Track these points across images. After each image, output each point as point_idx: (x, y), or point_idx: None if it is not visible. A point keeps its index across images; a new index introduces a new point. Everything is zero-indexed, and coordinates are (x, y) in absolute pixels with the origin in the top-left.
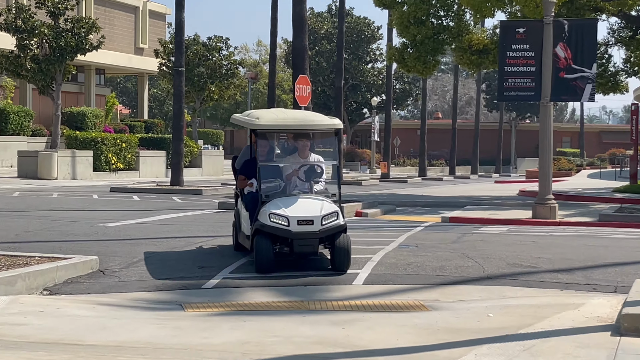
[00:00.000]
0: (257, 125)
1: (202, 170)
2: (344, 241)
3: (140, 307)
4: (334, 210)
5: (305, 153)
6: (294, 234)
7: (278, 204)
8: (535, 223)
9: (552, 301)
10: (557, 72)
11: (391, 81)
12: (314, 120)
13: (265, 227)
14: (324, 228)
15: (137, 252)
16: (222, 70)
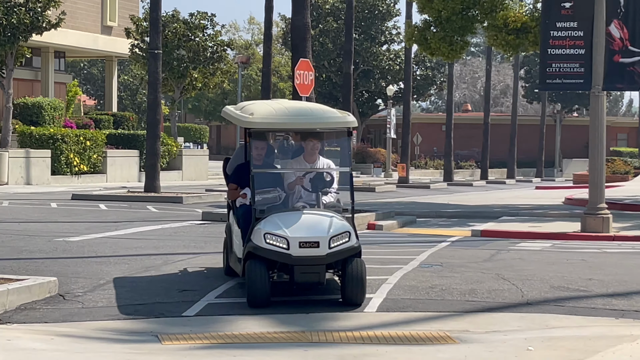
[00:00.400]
0: (250, 123)
1: (182, 174)
2: (357, 268)
3: (108, 338)
4: (345, 230)
5: (313, 157)
6: (294, 259)
7: (276, 221)
8: (584, 237)
9: (606, 332)
10: (611, 55)
11: (410, 66)
12: (323, 116)
13: (260, 250)
14: (333, 251)
15: (104, 272)
16: (206, 53)
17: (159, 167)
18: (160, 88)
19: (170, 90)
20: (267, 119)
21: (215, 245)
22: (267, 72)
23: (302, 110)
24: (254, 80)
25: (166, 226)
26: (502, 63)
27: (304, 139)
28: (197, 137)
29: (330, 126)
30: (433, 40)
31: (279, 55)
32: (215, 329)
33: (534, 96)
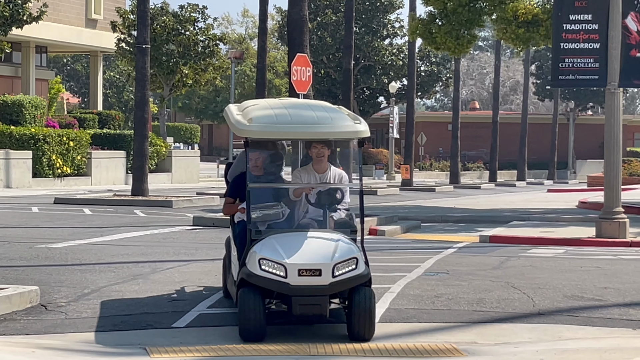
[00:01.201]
0: (246, 132)
1: (172, 176)
2: (366, 299)
3: (93, 351)
4: (352, 256)
5: (322, 165)
6: (293, 289)
7: (273, 244)
8: (600, 244)
9: (622, 344)
10: (628, 49)
11: (414, 62)
12: (330, 124)
13: (254, 277)
14: (337, 281)
15: (89, 281)
16: (197, 48)
17: (147, 169)
18: (149, 85)
19: (159, 88)
20: (265, 127)
21: (206, 252)
22: (262, 68)
23: (307, 117)
24: (248, 76)
25: (155, 232)
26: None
27: (309, 145)
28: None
29: (338, 137)
30: (438, 34)
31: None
32: (207, 341)
33: (546, 93)
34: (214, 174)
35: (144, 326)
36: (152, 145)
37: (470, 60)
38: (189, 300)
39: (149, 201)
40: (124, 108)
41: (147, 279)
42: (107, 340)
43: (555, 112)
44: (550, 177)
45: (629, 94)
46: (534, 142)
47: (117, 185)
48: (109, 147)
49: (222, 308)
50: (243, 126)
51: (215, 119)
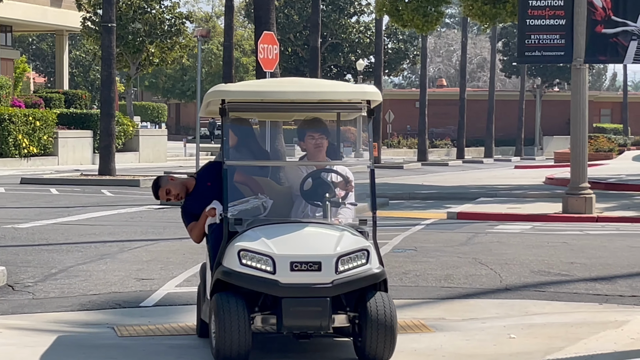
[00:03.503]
0: (224, 93)
1: (139, 155)
2: (385, 308)
3: (61, 331)
4: (361, 247)
5: (319, 156)
6: (284, 289)
7: (257, 234)
8: (566, 219)
9: (589, 318)
10: (594, 25)
11: (382, 39)
12: (332, 86)
13: (232, 275)
14: (342, 278)
15: (56, 260)
16: (163, 27)
17: (114, 148)
18: (115, 64)
19: (125, 66)
20: (249, 88)
21: (174, 231)
22: (228, 46)
23: (301, 82)
24: (215, 55)
25: (122, 211)
26: (478, 35)
27: (303, 134)
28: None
29: (339, 98)
30: (405, 11)
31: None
32: (176, 319)
33: (513, 70)
34: (181, 153)
35: (112, 306)
36: (119, 125)
37: (437, 37)
38: (157, 279)
39: (116, 180)
40: (91, 87)
41: (114, 258)
42: (75, 320)
43: (522, 89)
44: (517, 153)
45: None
46: (501, 119)
47: (84, 165)
48: (76, 127)
49: (190, 287)
50: (221, 87)
51: (182, 98)
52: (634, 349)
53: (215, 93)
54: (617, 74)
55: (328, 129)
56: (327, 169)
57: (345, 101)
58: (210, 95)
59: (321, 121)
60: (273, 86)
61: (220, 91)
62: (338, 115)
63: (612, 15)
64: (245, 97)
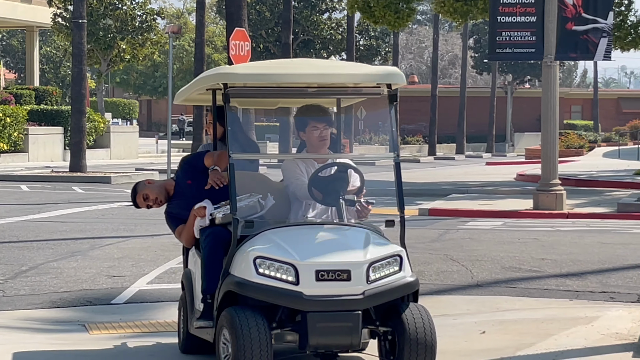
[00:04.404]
0: (229, 76)
1: (110, 152)
2: (422, 321)
3: (31, 328)
4: (393, 252)
5: (323, 149)
6: (308, 301)
7: (272, 238)
8: (537, 215)
9: (559, 314)
10: (564, 22)
11: (353, 36)
12: (350, 67)
13: (247, 287)
14: (373, 288)
15: (26, 258)
16: (135, 23)
17: (85, 145)
18: (86, 60)
19: (96, 63)
20: (257, 70)
21: (146, 228)
22: (200, 42)
23: (313, 63)
24: (186, 51)
25: (93, 208)
26: (450, 32)
27: (301, 126)
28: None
29: (359, 81)
30: (377, 7)
31: (213, 24)
32: (148, 316)
33: (484, 67)
34: (153, 149)
35: (82, 303)
36: (90, 121)
37: (409, 34)
38: (128, 276)
39: (87, 177)
40: (61, 84)
41: (85, 255)
42: (46, 317)
43: (493, 86)
44: (488, 150)
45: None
46: (473, 116)
47: (54, 162)
48: (46, 123)
49: (161, 284)
50: (225, 69)
51: (153, 95)
52: (604, 345)
53: (217, 76)
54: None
55: (332, 118)
56: (337, 163)
57: (364, 85)
58: (208, 79)
59: (324, 109)
60: (285, 68)
61: (225, 74)
62: (338, 101)
63: (582, 13)
64: (255, 81)
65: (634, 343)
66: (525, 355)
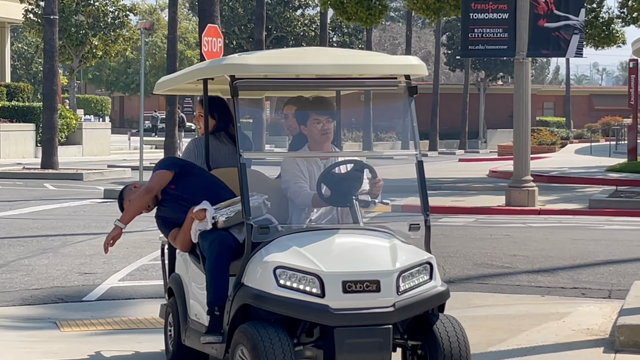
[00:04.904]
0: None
1: (82, 149)
2: (455, 334)
3: (3, 326)
4: (424, 260)
5: (326, 144)
6: (335, 316)
7: (289, 245)
8: (509, 212)
9: (531, 310)
10: (536, 19)
11: (327, 32)
12: (368, 57)
13: (269, 300)
14: (404, 300)
15: None
16: (107, 19)
17: (57, 141)
18: (57, 56)
19: (68, 59)
20: (272, 60)
21: None
22: (172, 39)
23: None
24: (159, 47)
25: (65, 205)
26: (423, 29)
27: (302, 120)
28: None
29: (381, 72)
30: (349, 4)
31: (185, 21)
32: (120, 313)
33: (457, 63)
34: (125, 146)
35: (54, 300)
36: (61, 118)
37: (382, 30)
38: (100, 273)
39: (59, 174)
40: (33, 80)
41: (57, 252)
42: (17, 314)
43: (466, 83)
44: (461, 146)
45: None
46: (446, 112)
47: (26, 159)
48: (18, 120)
49: (133, 281)
50: (236, 59)
51: (126, 91)
52: (575, 341)
53: (224, 67)
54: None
55: (334, 110)
56: (352, 160)
57: (382, 75)
58: (213, 70)
59: (328, 101)
60: (301, 58)
61: (234, 65)
62: (338, 93)
63: (554, 10)
64: (269, 72)
65: (604, 339)
66: (496, 351)
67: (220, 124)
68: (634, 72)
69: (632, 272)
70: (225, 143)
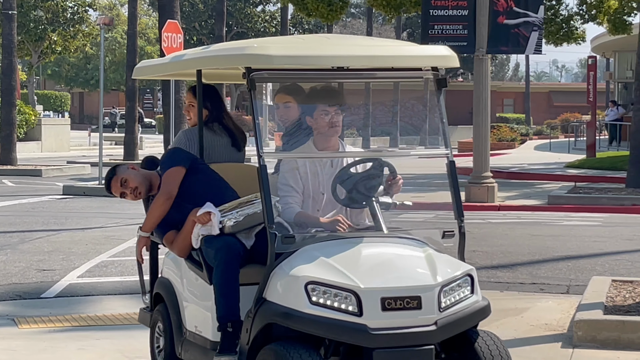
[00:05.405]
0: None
1: (41, 145)
2: (498, 353)
3: None
4: (465, 272)
5: (334, 143)
6: (374, 336)
7: (316, 255)
8: (469, 208)
9: None
10: (496, 16)
11: (287, 28)
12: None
13: (301, 320)
14: (446, 317)
15: None
16: (66, 14)
17: (16, 137)
18: (16, 52)
19: (27, 55)
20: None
21: (77, 222)
22: (132, 34)
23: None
24: (119, 43)
25: (24, 201)
26: (384, 25)
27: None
28: (58, 105)
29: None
30: (310, 0)
31: (145, 16)
32: (78, 310)
33: None
34: (85, 142)
35: (12, 297)
36: (20, 114)
37: (342, 27)
38: (59, 270)
39: (18, 170)
40: None
41: (15, 249)
42: None
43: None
44: (421, 143)
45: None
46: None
47: None
48: None
49: (92, 278)
50: (253, 49)
51: (86, 87)
52: (534, 336)
53: (242, 58)
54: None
55: (344, 101)
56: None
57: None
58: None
59: (338, 92)
60: (325, 48)
61: (255, 55)
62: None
63: (513, 6)
64: (293, 64)
65: (563, 334)
66: None
67: (213, 113)
68: (592, 69)
69: (590, 267)
70: (220, 135)
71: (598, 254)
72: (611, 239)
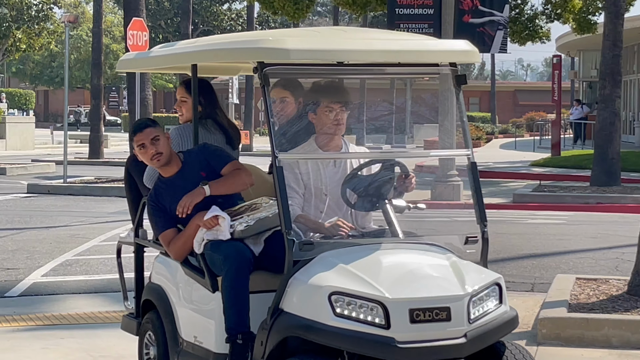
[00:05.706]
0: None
1: (6, 143)
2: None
3: None
4: (493, 281)
5: (337, 142)
6: (403, 350)
7: (335, 262)
8: (435, 206)
9: None
10: (461, 15)
11: (253, 27)
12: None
13: (325, 333)
14: (476, 329)
15: None
16: (31, 12)
17: None
18: None
19: None
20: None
21: (41, 220)
22: (97, 32)
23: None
24: (84, 41)
25: None
26: (350, 23)
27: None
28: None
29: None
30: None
31: (111, 14)
32: (43, 309)
33: None
34: (49, 140)
35: None
36: None
37: (309, 25)
38: (23, 269)
39: None
40: None
41: None
42: None
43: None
44: (388, 142)
45: None
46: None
47: None
48: None
49: (57, 277)
50: (269, 42)
51: (50, 85)
52: None
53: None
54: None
55: (350, 97)
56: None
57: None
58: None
59: (343, 88)
60: (345, 42)
61: (272, 49)
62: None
63: (479, 5)
64: (312, 58)
65: (527, 331)
66: None
67: (206, 110)
68: (557, 68)
69: (555, 265)
70: (214, 132)
71: (562, 252)
72: (576, 237)
